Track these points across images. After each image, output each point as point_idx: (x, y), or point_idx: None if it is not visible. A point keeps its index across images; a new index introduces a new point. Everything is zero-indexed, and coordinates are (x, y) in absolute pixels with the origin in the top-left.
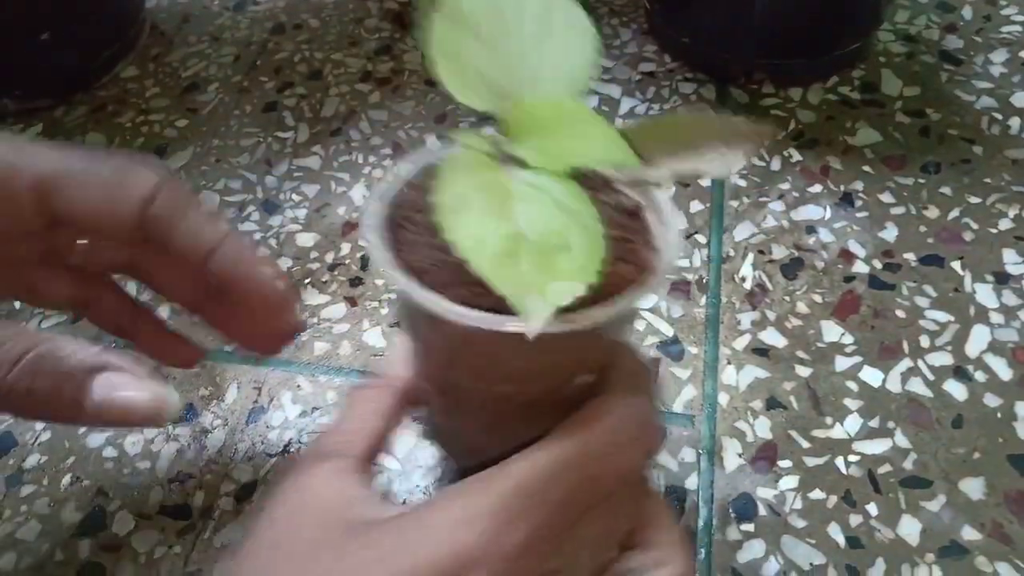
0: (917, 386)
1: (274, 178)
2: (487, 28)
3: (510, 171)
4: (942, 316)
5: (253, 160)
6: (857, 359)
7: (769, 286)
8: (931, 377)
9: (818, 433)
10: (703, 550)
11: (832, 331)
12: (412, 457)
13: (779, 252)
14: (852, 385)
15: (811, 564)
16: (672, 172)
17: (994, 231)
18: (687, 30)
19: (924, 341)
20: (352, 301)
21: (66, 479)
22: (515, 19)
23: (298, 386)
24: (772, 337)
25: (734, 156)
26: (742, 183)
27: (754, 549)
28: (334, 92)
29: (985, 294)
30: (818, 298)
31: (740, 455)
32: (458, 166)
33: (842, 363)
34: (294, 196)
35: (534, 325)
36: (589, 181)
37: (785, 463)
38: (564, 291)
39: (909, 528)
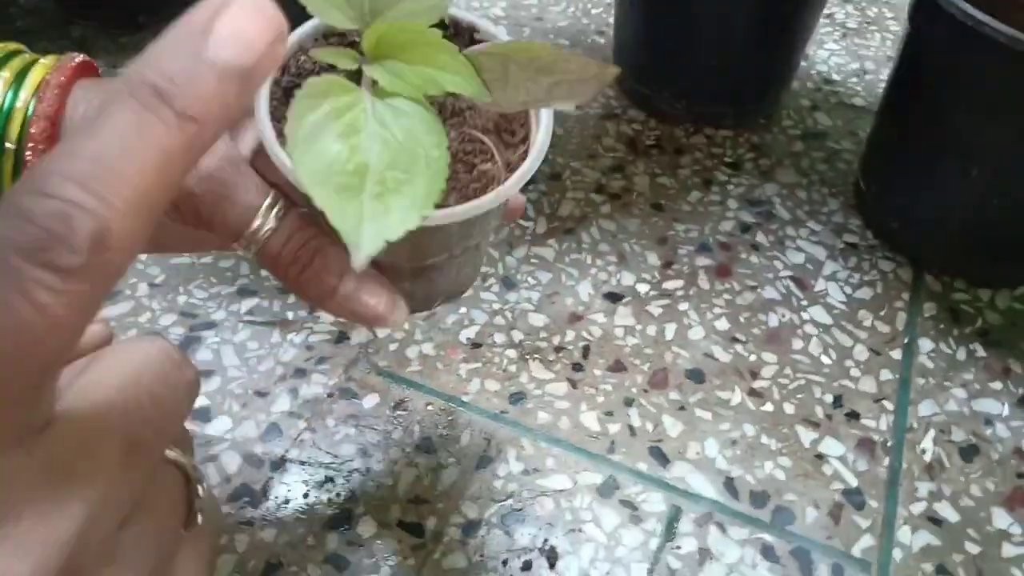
0: None
1: (514, 260)
2: None
3: (367, 95)
4: None
5: (497, 239)
6: None
7: (947, 464)
8: None
9: None
10: None
11: (1002, 518)
12: None
13: (958, 435)
14: (1019, 574)
15: None
16: (522, 103)
17: None
18: (894, 214)
19: None
20: (573, 383)
21: (320, 475)
22: None
23: (522, 446)
24: (946, 510)
25: (581, 92)
26: (929, 364)
27: None
28: (570, 195)
29: None
30: (991, 485)
31: None
32: (316, 91)
33: (1009, 550)
34: (529, 279)
35: (362, 257)
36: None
37: None
38: (397, 225)
39: None
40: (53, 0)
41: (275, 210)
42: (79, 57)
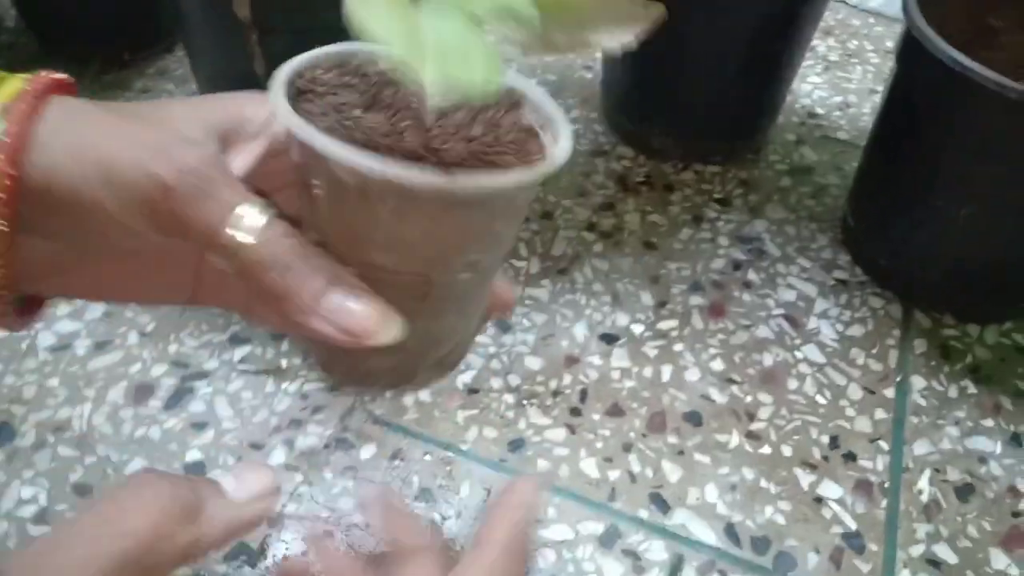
0: None
1: None
2: None
3: (418, 7)
4: None
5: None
6: None
7: (943, 504)
8: None
9: None
10: None
11: (999, 559)
12: None
13: (953, 474)
14: None
15: None
16: (569, 40)
17: None
18: (883, 251)
19: None
20: (571, 429)
21: (319, 530)
22: None
23: None
24: (944, 552)
25: (626, 33)
26: (922, 402)
27: None
28: (562, 234)
29: None
30: (987, 525)
31: None
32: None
33: None
34: (524, 321)
35: (434, 97)
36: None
37: None
38: (467, 72)
39: None
40: (35, 37)
41: (258, 208)
42: (56, 74)
